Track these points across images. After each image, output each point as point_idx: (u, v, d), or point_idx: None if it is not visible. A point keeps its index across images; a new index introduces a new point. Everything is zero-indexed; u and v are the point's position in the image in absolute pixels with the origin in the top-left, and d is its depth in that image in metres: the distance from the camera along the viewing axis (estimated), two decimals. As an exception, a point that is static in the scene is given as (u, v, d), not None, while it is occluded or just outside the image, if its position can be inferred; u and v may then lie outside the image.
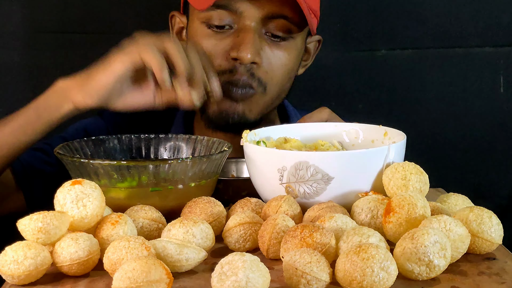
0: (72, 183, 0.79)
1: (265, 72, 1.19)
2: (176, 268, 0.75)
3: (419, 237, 0.72)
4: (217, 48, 1.18)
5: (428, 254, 0.71)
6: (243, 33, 1.16)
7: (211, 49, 1.18)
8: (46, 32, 1.57)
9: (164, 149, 1.06)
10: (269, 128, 1.04)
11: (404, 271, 0.72)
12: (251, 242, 0.82)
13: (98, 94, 1.02)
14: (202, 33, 1.19)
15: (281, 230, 0.79)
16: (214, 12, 1.16)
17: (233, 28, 1.18)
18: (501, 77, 1.65)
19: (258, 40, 1.16)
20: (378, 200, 0.84)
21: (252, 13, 1.15)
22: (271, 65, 1.19)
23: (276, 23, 1.17)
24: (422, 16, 1.63)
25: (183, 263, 0.74)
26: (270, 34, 1.18)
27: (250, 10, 1.15)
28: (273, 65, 1.19)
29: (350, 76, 1.65)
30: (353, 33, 1.63)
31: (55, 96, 1.05)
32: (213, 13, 1.17)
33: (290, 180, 0.89)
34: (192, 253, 0.75)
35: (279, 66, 1.20)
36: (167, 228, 0.80)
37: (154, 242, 0.75)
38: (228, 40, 1.17)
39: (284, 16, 1.16)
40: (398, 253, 0.73)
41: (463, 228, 0.76)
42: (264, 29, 1.18)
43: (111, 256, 0.73)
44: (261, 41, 1.17)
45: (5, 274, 0.73)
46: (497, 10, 1.63)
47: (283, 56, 1.20)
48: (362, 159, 0.88)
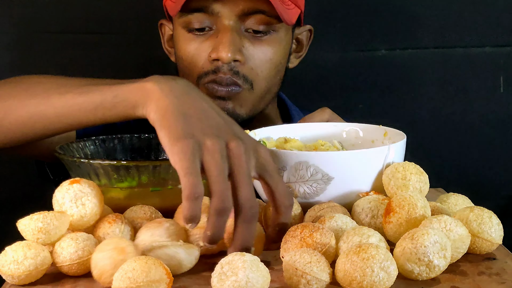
0: (70, 182, 0.79)
1: (250, 68, 1.18)
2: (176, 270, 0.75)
3: (419, 237, 0.72)
4: (199, 51, 1.18)
5: (428, 254, 0.71)
6: (221, 33, 1.16)
7: (193, 53, 1.19)
8: (46, 32, 1.57)
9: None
10: (269, 128, 1.04)
11: (404, 271, 0.72)
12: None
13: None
14: (183, 38, 1.20)
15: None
16: (192, 16, 1.17)
17: (213, 29, 1.18)
18: (501, 77, 1.65)
19: (238, 38, 1.17)
20: (379, 200, 0.84)
21: (227, 12, 1.16)
22: (255, 61, 1.19)
23: (254, 18, 1.17)
24: (422, 16, 1.63)
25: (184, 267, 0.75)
26: (251, 30, 1.18)
27: (225, 9, 1.16)
28: (257, 60, 1.19)
29: (350, 76, 1.65)
30: (353, 33, 1.63)
31: (139, 94, 0.86)
32: (191, 17, 1.17)
33: (290, 180, 0.89)
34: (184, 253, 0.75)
35: (264, 61, 1.20)
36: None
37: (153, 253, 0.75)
38: (209, 42, 1.18)
39: (261, 11, 1.16)
40: (398, 253, 0.73)
41: (463, 228, 0.76)
42: (243, 26, 1.18)
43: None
44: (242, 38, 1.17)
45: (5, 274, 0.74)
46: (497, 10, 1.63)
47: (266, 51, 1.20)
48: (362, 159, 0.88)
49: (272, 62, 1.21)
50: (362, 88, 1.66)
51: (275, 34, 1.20)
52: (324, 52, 1.60)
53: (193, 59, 1.19)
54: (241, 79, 1.18)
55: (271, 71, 1.21)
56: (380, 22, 1.63)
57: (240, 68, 1.17)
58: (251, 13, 1.16)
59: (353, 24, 1.63)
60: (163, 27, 1.31)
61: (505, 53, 1.64)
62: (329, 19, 1.60)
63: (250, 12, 1.16)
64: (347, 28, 1.63)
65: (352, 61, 1.64)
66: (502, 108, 1.66)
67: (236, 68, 1.17)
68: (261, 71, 1.20)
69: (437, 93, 1.66)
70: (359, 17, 1.63)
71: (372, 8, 1.63)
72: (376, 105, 1.66)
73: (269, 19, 1.17)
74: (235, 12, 1.16)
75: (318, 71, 1.40)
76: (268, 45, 1.20)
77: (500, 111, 1.66)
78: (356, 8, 1.63)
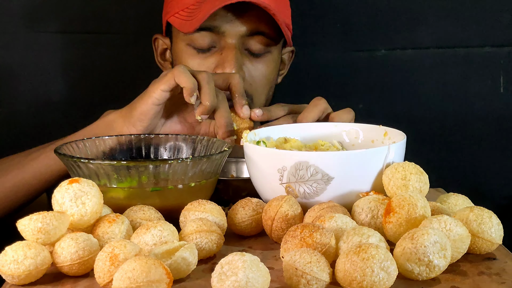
0: (69, 182, 0.79)
1: (249, 84, 1.25)
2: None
3: (419, 237, 0.72)
4: (202, 66, 1.24)
5: (428, 254, 0.71)
6: (226, 51, 1.22)
7: (197, 68, 1.23)
8: (46, 32, 1.57)
9: (164, 149, 1.06)
10: (269, 128, 1.04)
11: (404, 271, 0.72)
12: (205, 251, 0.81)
13: (141, 122, 1.06)
14: (187, 53, 1.26)
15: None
16: (198, 34, 1.23)
17: (216, 47, 1.24)
18: (501, 77, 1.65)
19: (240, 56, 1.23)
20: (379, 200, 0.84)
21: (233, 32, 1.22)
22: (253, 77, 1.26)
23: (255, 39, 1.24)
24: (422, 16, 1.63)
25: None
26: (250, 50, 1.25)
27: (232, 29, 1.22)
28: (255, 77, 1.26)
29: (350, 76, 1.65)
30: (353, 33, 1.64)
31: (104, 128, 1.09)
32: (197, 35, 1.23)
33: (290, 180, 0.89)
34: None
35: (261, 78, 1.27)
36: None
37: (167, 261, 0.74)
38: (212, 58, 1.24)
39: (262, 32, 1.24)
40: (398, 253, 0.73)
41: (464, 228, 0.76)
42: (244, 46, 1.24)
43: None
44: (242, 56, 1.24)
45: (5, 274, 0.73)
46: (497, 10, 1.63)
47: (263, 69, 1.27)
48: (362, 159, 0.88)
49: (268, 79, 1.29)
50: (362, 88, 1.66)
51: (270, 54, 1.28)
52: (324, 52, 1.60)
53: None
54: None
55: (267, 87, 1.29)
56: (380, 22, 1.63)
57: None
58: (253, 33, 1.23)
59: (353, 24, 1.63)
60: (157, 41, 1.37)
61: (505, 53, 1.64)
62: (329, 19, 1.61)
63: (253, 33, 1.23)
64: (347, 28, 1.63)
65: (352, 61, 1.64)
66: (502, 108, 1.66)
67: None
68: (259, 86, 1.27)
69: (437, 93, 1.66)
70: (359, 17, 1.63)
71: (372, 8, 1.63)
72: (376, 105, 1.66)
73: (268, 41, 1.25)
74: (240, 32, 1.23)
75: (318, 71, 1.41)
76: (264, 63, 1.27)
77: (500, 111, 1.66)
78: (356, 8, 1.63)
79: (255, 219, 0.88)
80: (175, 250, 0.74)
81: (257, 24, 1.23)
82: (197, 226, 0.80)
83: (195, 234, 0.79)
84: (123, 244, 0.72)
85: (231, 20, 1.22)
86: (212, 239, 0.80)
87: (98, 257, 0.73)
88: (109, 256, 0.72)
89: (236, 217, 0.87)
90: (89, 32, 1.58)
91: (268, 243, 0.87)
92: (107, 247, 0.73)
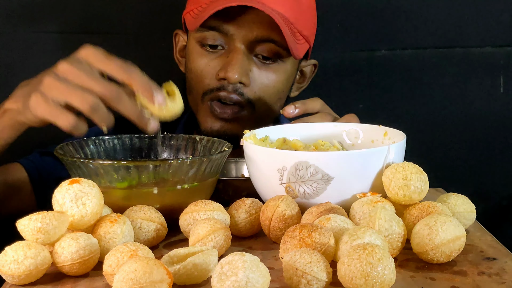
0: (70, 182, 0.79)
1: (253, 92, 1.23)
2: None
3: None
4: (208, 67, 1.23)
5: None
6: (231, 54, 1.21)
7: (202, 68, 1.23)
8: (46, 32, 1.57)
9: (164, 149, 1.06)
10: (269, 128, 1.04)
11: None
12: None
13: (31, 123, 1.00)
14: (196, 52, 1.25)
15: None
16: (208, 33, 1.22)
17: (225, 49, 1.23)
18: (501, 77, 1.65)
19: (247, 62, 1.21)
20: (371, 202, 0.84)
21: (241, 35, 1.20)
22: (258, 85, 1.23)
23: (264, 46, 1.21)
24: (422, 16, 1.63)
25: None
26: (260, 57, 1.23)
27: (240, 33, 1.20)
28: (260, 85, 1.23)
29: (350, 76, 1.65)
30: (353, 33, 1.64)
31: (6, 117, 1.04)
32: (207, 33, 1.22)
33: (290, 180, 0.89)
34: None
35: (268, 87, 1.24)
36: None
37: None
38: (218, 60, 1.23)
39: (273, 40, 1.21)
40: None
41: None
42: (253, 52, 1.22)
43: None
44: (250, 62, 1.22)
45: (5, 274, 0.74)
46: (497, 10, 1.63)
47: (271, 78, 1.24)
48: (362, 159, 0.88)
49: (275, 88, 1.25)
50: (362, 88, 1.66)
51: (282, 64, 1.25)
52: (324, 52, 1.60)
53: (202, 74, 1.24)
54: (245, 101, 1.22)
55: (273, 97, 1.26)
56: (380, 22, 1.63)
57: (244, 90, 1.22)
58: (263, 41, 1.21)
59: (353, 24, 1.63)
60: (178, 36, 1.36)
61: (505, 53, 1.64)
62: (329, 19, 1.60)
63: (263, 40, 1.21)
64: (347, 28, 1.63)
65: (352, 61, 1.64)
66: (502, 108, 1.66)
67: (240, 89, 1.22)
68: (263, 95, 1.24)
69: (437, 93, 1.66)
70: (359, 17, 1.63)
71: (372, 8, 1.63)
72: (376, 105, 1.66)
73: (278, 49, 1.22)
74: (248, 38, 1.20)
75: (318, 71, 1.40)
76: (274, 72, 1.24)
77: (500, 111, 1.66)
78: (356, 8, 1.63)
79: (249, 221, 0.88)
80: (192, 254, 0.74)
81: (268, 32, 1.20)
82: (211, 226, 0.80)
83: (212, 234, 0.80)
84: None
85: (240, 24, 1.20)
86: (227, 235, 0.81)
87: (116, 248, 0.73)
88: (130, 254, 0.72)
89: (231, 219, 0.88)
90: (89, 32, 1.58)
91: (268, 243, 0.87)
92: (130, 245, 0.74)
